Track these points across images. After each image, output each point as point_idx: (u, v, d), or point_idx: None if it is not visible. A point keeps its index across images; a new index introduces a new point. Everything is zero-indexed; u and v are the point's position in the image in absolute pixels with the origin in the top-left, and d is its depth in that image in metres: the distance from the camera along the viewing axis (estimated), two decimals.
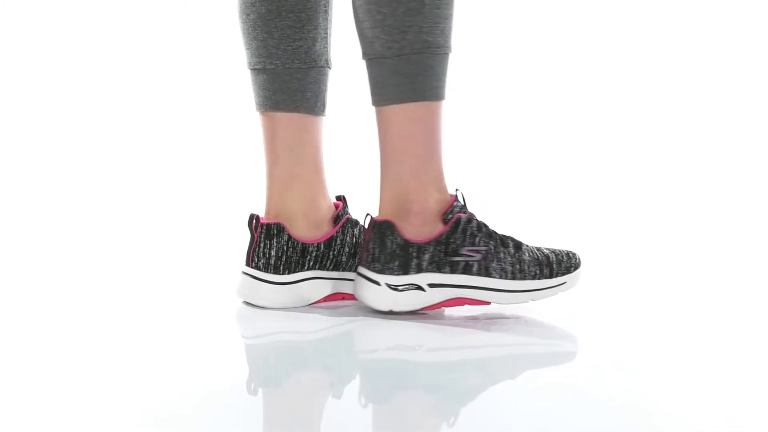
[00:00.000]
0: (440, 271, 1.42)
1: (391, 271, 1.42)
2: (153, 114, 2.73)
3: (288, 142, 1.49)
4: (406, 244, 1.41)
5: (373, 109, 1.45)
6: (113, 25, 2.75)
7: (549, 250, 1.47)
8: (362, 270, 1.44)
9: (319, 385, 1.20)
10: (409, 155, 1.42)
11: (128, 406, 1.08)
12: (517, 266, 1.44)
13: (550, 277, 1.45)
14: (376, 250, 1.42)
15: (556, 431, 1.03)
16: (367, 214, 1.45)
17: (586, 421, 1.06)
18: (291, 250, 1.47)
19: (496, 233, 1.45)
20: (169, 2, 2.77)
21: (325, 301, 1.52)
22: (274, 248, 1.46)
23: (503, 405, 1.12)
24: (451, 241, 1.42)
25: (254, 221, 1.47)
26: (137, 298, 1.59)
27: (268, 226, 1.47)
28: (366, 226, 1.44)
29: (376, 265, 1.42)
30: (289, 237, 1.47)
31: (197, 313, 1.50)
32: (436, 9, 1.39)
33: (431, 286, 1.42)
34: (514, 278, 1.44)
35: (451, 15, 1.42)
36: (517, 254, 1.44)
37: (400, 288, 1.42)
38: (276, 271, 1.47)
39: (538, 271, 1.44)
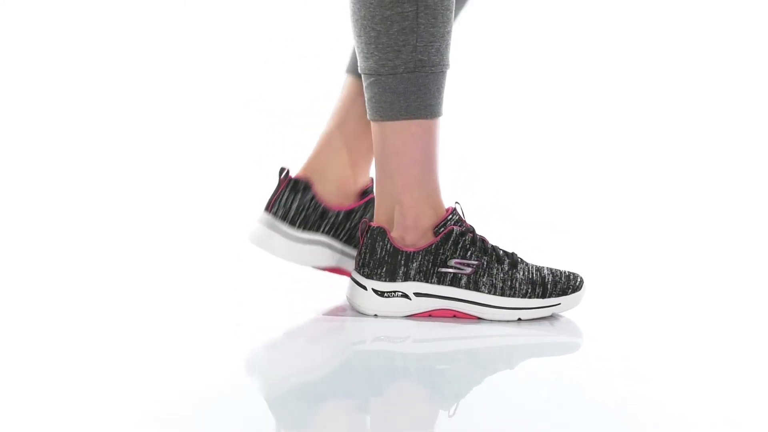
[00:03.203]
0: (427, 281, 1.43)
1: (379, 277, 1.43)
2: (150, 114, 2.69)
3: (362, 109, 1.50)
4: (395, 252, 1.43)
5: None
6: (117, 24, 2.74)
7: (549, 270, 1.46)
8: (353, 273, 1.46)
9: (317, 382, 1.22)
10: (402, 172, 1.43)
11: (128, 406, 1.09)
12: (508, 283, 1.43)
13: (543, 297, 1.44)
14: (367, 255, 1.44)
15: (553, 418, 1.05)
16: (363, 220, 1.47)
17: (583, 409, 1.09)
18: (312, 209, 1.49)
19: (494, 249, 1.45)
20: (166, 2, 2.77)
21: (328, 271, 1.53)
22: (296, 202, 1.48)
23: (497, 393, 1.15)
24: (441, 252, 1.43)
25: (285, 173, 1.49)
26: (137, 299, 1.59)
27: (297, 181, 1.49)
28: (361, 232, 1.46)
29: (365, 270, 1.44)
30: (314, 197, 1.49)
31: (197, 313, 1.51)
32: (431, 28, 1.39)
33: (417, 295, 1.44)
34: (503, 294, 1.43)
35: (447, 32, 1.41)
36: (510, 271, 1.44)
37: (385, 294, 1.44)
38: (292, 224, 1.49)
39: (529, 290, 1.44)
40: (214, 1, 2.74)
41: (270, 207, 1.50)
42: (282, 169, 1.50)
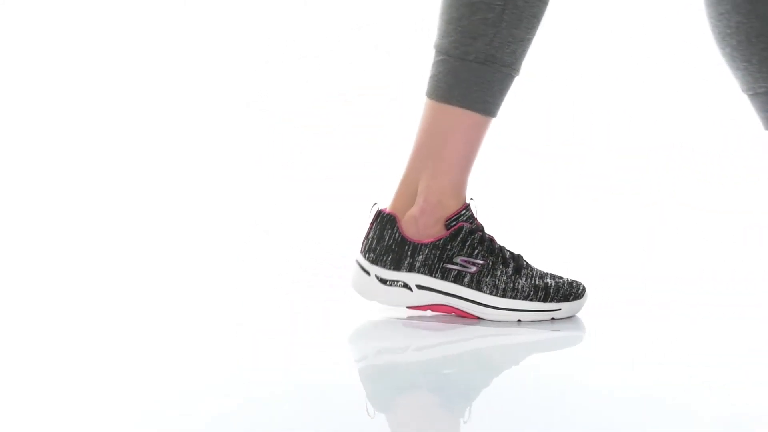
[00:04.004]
0: (431, 275, 1.42)
1: (383, 264, 1.43)
2: (150, 114, 2.67)
3: None
4: (403, 242, 1.42)
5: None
6: (117, 24, 2.74)
7: (552, 276, 1.46)
8: (358, 257, 1.46)
9: (318, 383, 1.20)
10: (439, 156, 1.42)
11: (128, 406, 1.08)
12: (510, 285, 1.43)
13: (544, 301, 1.43)
14: (374, 241, 1.44)
15: (560, 420, 1.05)
16: (374, 204, 1.45)
17: (588, 411, 1.08)
18: None
19: (501, 249, 1.45)
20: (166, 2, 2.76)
21: None
22: None
23: (506, 396, 1.14)
24: (448, 247, 1.42)
25: None
26: (137, 299, 1.59)
27: None
28: (371, 216, 1.45)
29: (371, 255, 1.44)
30: None
31: (197, 313, 1.51)
32: (513, 29, 1.38)
33: (419, 287, 1.43)
34: (504, 296, 1.43)
35: (527, 39, 1.40)
36: (514, 275, 1.43)
37: (388, 282, 1.43)
38: None
39: (531, 292, 1.43)
40: (214, 1, 2.74)
41: None
42: None
